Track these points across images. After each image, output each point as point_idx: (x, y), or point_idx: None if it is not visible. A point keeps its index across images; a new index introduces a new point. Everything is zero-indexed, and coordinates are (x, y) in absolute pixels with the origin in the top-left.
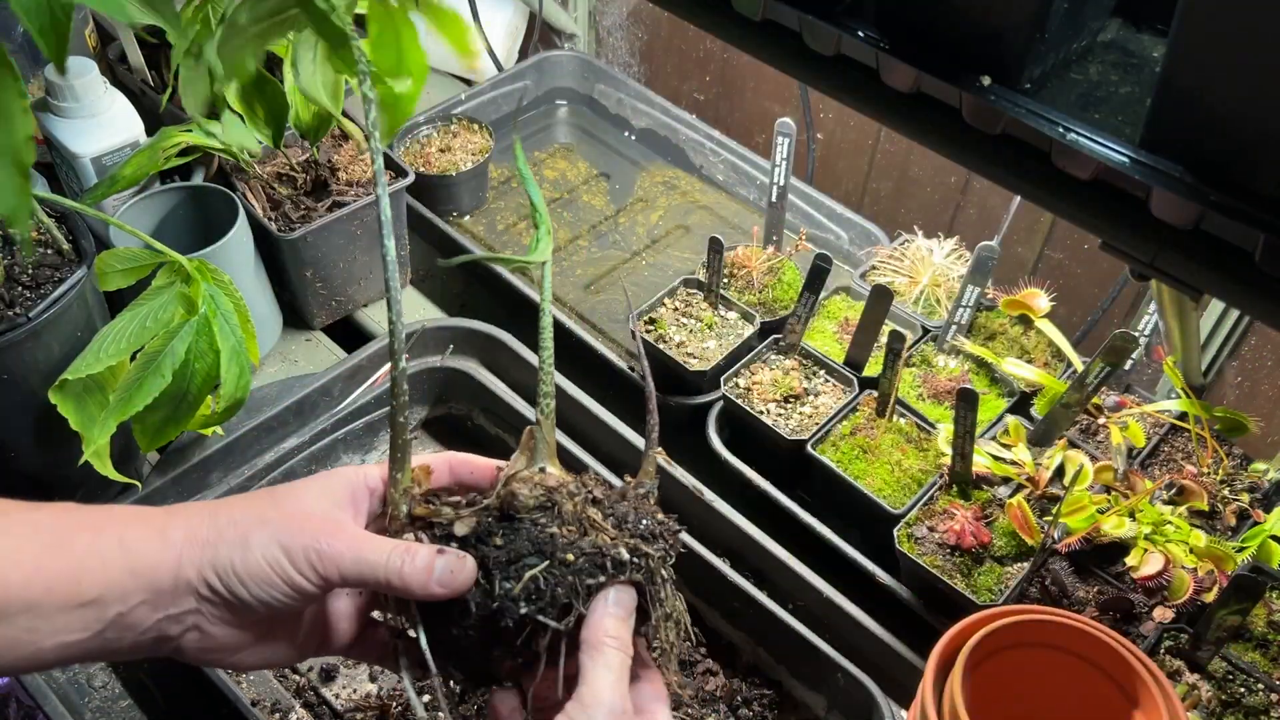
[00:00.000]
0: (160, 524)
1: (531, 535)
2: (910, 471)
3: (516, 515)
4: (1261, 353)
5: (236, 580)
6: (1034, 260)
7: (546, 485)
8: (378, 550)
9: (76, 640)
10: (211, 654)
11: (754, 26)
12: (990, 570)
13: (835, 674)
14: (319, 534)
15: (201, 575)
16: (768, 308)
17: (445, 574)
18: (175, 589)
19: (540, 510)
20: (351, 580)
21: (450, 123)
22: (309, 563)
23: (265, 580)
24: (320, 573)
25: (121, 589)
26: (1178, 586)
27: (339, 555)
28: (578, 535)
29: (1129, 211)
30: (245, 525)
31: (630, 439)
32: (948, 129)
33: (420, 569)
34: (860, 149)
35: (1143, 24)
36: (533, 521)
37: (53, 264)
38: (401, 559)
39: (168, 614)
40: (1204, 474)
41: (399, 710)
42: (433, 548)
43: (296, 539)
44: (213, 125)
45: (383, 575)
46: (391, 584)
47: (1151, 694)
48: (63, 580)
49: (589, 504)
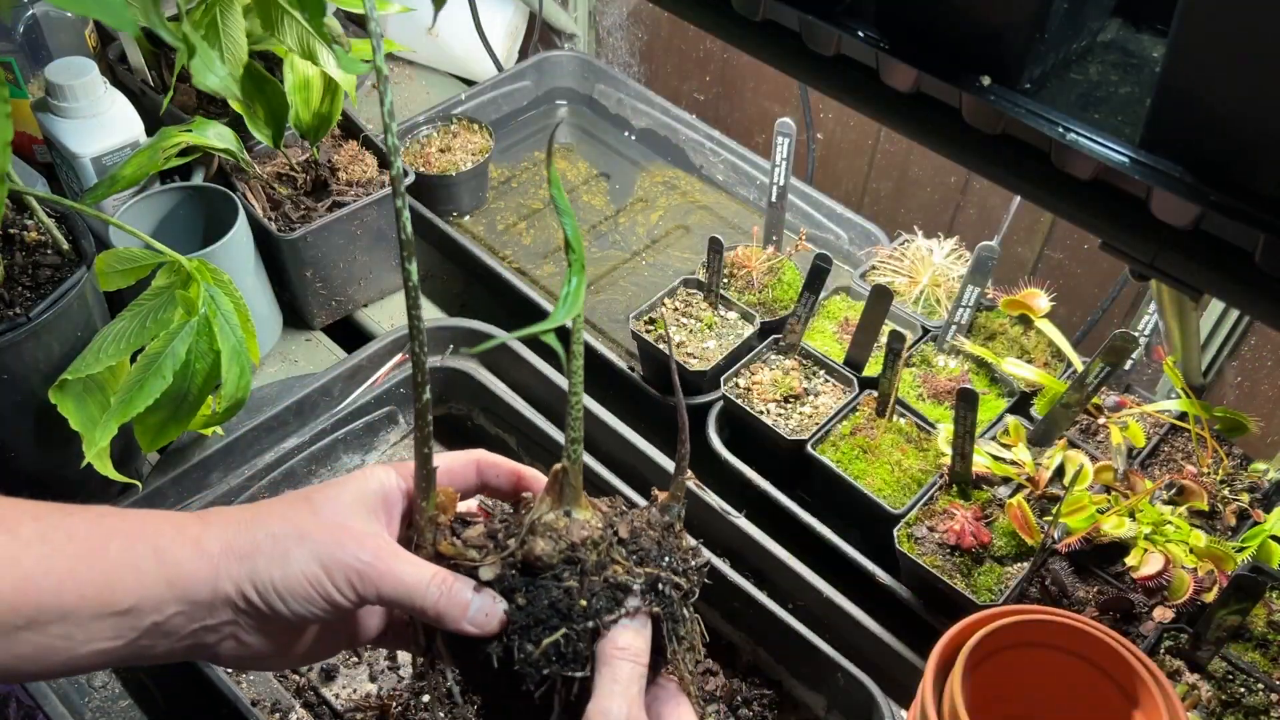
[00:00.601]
0: (195, 534)
1: (553, 596)
2: (910, 471)
3: (539, 572)
4: (1261, 353)
5: (276, 596)
6: (1034, 260)
7: (570, 540)
8: (418, 578)
9: (112, 648)
10: (247, 660)
11: (754, 26)
12: (990, 570)
13: (835, 674)
14: (359, 552)
15: (240, 589)
16: (768, 308)
17: (479, 615)
18: (213, 602)
19: (564, 564)
20: (388, 602)
21: (450, 123)
22: (349, 583)
23: (305, 597)
24: (360, 593)
25: (157, 599)
26: (1178, 586)
27: (380, 578)
28: (599, 582)
29: (1129, 211)
30: (285, 541)
31: (629, 438)
32: (948, 129)
33: (457, 604)
34: (860, 149)
35: (1143, 24)
36: (555, 577)
37: (53, 264)
38: (440, 591)
39: (204, 624)
40: (1204, 474)
41: (399, 710)
42: (470, 583)
43: (337, 556)
44: (212, 125)
45: (419, 603)
46: (426, 613)
47: (1151, 694)
48: (96, 588)
49: (613, 546)
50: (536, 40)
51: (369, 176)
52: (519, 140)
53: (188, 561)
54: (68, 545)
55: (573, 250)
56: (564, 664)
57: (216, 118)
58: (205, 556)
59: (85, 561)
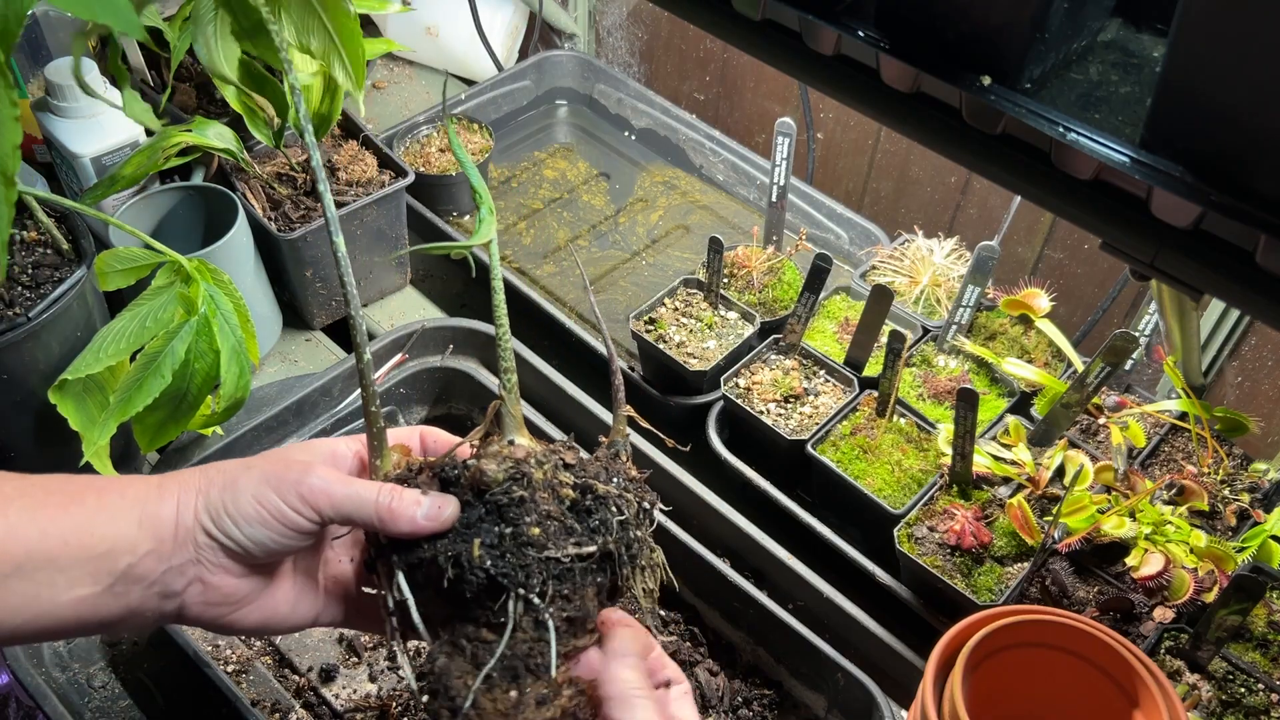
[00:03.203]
0: (157, 481)
1: (501, 507)
2: (910, 471)
3: (487, 489)
4: (1261, 352)
5: (229, 521)
6: (1034, 260)
7: (515, 457)
8: (367, 486)
9: (89, 595)
10: (215, 608)
11: (754, 26)
12: (990, 570)
13: (835, 674)
14: (306, 470)
15: (197, 520)
16: (768, 308)
17: (433, 509)
18: (176, 537)
19: (510, 481)
20: (342, 513)
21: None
22: (298, 495)
23: (256, 518)
24: (310, 503)
25: (130, 540)
26: (1178, 586)
27: (329, 487)
28: (549, 501)
29: (1129, 211)
30: (233, 471)
31: (631, 437)
32: (948, 129)
33: (409, 502)
34: (860, 149)
35: (1143, 24)
36: (504, 492)
37: (52, 264)
38: (390, 495)
39: (171, 565)
40: (1204, 474)
41: (399, 710)
42: (418, 490)
43: (284, 476)
44: (212, 125)
45: (372, 509)
46: (381, 517)
47: (1152, 694)
48: (77, 534)
49: (559, 469)
50: (536, 40)
51: (369, 176)
52: (519, 140)
53: (152, 502)
54: (46, 499)
55: (477, 192)
56: (516, 571)
57: (216, 117)
58: (167, 495)
59: (64, 510)
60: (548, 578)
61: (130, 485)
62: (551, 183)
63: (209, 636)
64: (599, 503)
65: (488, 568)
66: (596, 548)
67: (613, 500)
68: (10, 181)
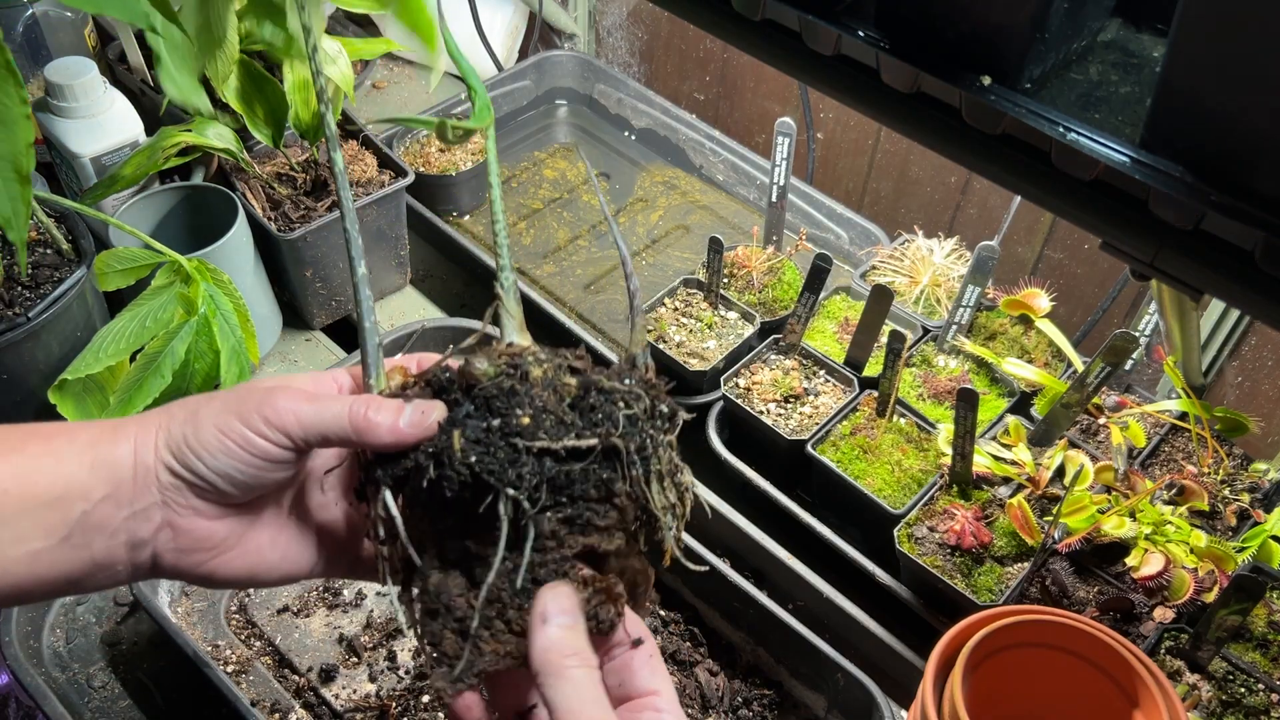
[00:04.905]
0: (110, 424)
1: (489, 399)
2: (910, 471)
3: (478, 384)
4: (1262, 352)
5: (192, 454)
6: (1034, 260)
7: (510, 353)
8: (339, 399)
9: (43, 549)
10: (191, 555)
11: (754, 26)
12: (990, 570)
13: (835, 674)
14: (271, 393)
15: (159, 458)
16: (768, 308)
17: (415, 415)
18: (136, 479)
19: (502, 375)
20: (314, 432)
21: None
22: (263, 418)
23: (220, 448)
24: (278, 426)
25: (82, 485)
26: (1178, 586)
27: (296, 407)
28: (547, 398)
29: (1129, 211)
30: (194, 403)
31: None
32: (948, 129)
33: (388, 410)
34: (860, 149)
35: (1143, 24)
36: (494, 385)
37: (52, 264)
38: (365, 404)
39: (134, 510)
40: (1204, 474)
41: (398, 711)
42: (400, 400)
43: (248, 400)
44: (212, 125)
45: (347, 423)
46: (358, 428)
47: (1152, 694)
48: (19, 480)
49: (563, 371)
50: (536, 40)
51: (368, 176)
52: (519, 140)
53: (105, 444)
54: None
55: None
56: (503, 467)
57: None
58: (122, 436)
59: (4, 458)
60: (541, 477)
61: (81, 430)
62: (551, 183)
63: (209, 636)
64: (604, 397)
65: (471, 463)
66: (597, 440)
67: (620, 395)
68: (26, 180)
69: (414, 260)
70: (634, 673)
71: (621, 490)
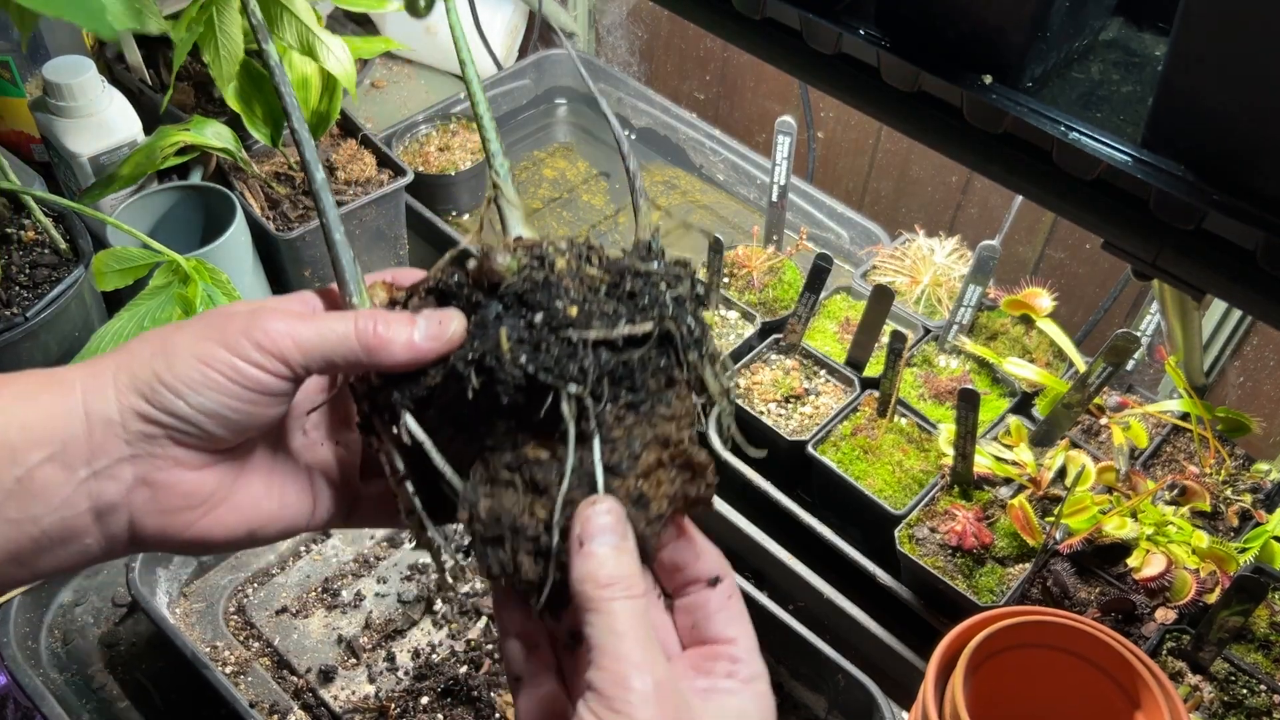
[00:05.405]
0: (45, 374)
1: (522, 295)
2: (911, 472)
3: (501, 281)
4: (1264, 352)
5: (168, 393)
6: (1035, 260)
7: (526, 245)
8: (340, 316)
9: None
10: (176, 515)
11: (754, 25)
12: (992, 571)
13: (836, 675)
14: (257, 315)
15: (124, 404)
16: (768, 307)
17: (433, 327)
18: (91, 433)
19: (529, 268)
20: (316, 356)
21: (449, 121)
22: (255, 344)
23: (204, 382)
24: (274, 352)
25: (9, 447)
26: (1180, 587)
27: (291, 329)
28: (576, 288)
29: (1131, 211)
30: (160, 336)
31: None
32: (949, 128)
33: (400, 323)
34: (861, 148)
35: (1144, 23)
36: (524, 279)
37: (50, 263)
38: (373, 319)
39: (93, 470)
40: (1206, 474)
41: (397, 712)
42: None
43: (230, 325)
44: (210, 124)
45: (355, 342)
46: (369, 347)
47: (1153, 695)
48: None
49: (584, 261)
50: (536, 39)
51: (368, 175)
52: (518, 139)
53: (43, 395)
54: None
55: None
56: (560, 362)
57: (214, 116)
58: (66, 387)
59: None
60: (601, 370)
61: (10, 383)
62: (551, 182)
63: (207, 637)
64: (643, 280)
65: (523, 364)
66: (652, 325)
67: (659, 277)
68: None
69: (413, 260)
70: (710, 615)
71: (680, 378)
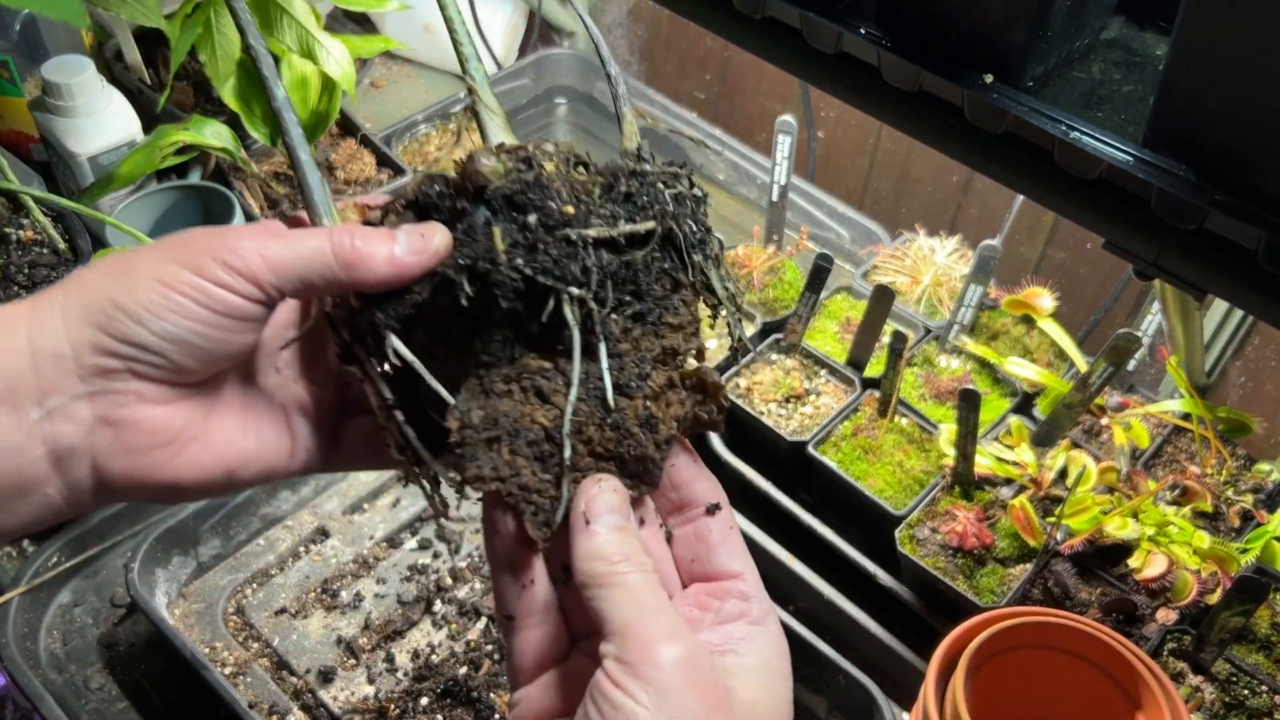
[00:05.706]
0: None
1: (510, 196)
2: (912, 472)
3: (488, 184)
4: (1265, 353)
5: (128, 320)
6: (1036, 259)
7: (510, 149)
8: (313, 232)
9: None
10: (145, 456)
11: (754, 24)
12: (993, 572)
13: (836, 676)
14: (222, 234)
15: (77, 337)
16: (768, 307)
17: (415, 240)
18: (39, 370)
19: (516, 171)
20: (287, 276)
21: (449, 121)
22: (221, 263)
23: (168, 305)
24: (244, 272)
25: None
26: (1181, 588)
27: (261, 246)
28: (569, 191)
29: (1132, 210)
30: (119, 261)
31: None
32: (950, 127)
33: (379, 238)
34: (862, 147)
35: (1145, 22)
36: (512, 180)
37: (49, 263)
38: (349, 233)
39: (46, 411)
40: (1207, 475)
41: (397, 713)
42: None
43: (193, 245)
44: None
45: (331, 258)
46: (347, 262)
47: (1154, 696)
48: None
49: (572, 166)
50: (536, 38)
51: (367, 175)
52: (518, 139)
53: None
54: None
55: None
56: (559, 263)
57: (214, 116)
58: (4, 322)
59: None
60: (604, 272)
61: None
62: None
63: (206, 638)
64: (638, 181)
65: (520, 265)
66: (654, 222)
67: (656, 177)
68: None
69: None
70: (711, 547)
71: (685, 281)
